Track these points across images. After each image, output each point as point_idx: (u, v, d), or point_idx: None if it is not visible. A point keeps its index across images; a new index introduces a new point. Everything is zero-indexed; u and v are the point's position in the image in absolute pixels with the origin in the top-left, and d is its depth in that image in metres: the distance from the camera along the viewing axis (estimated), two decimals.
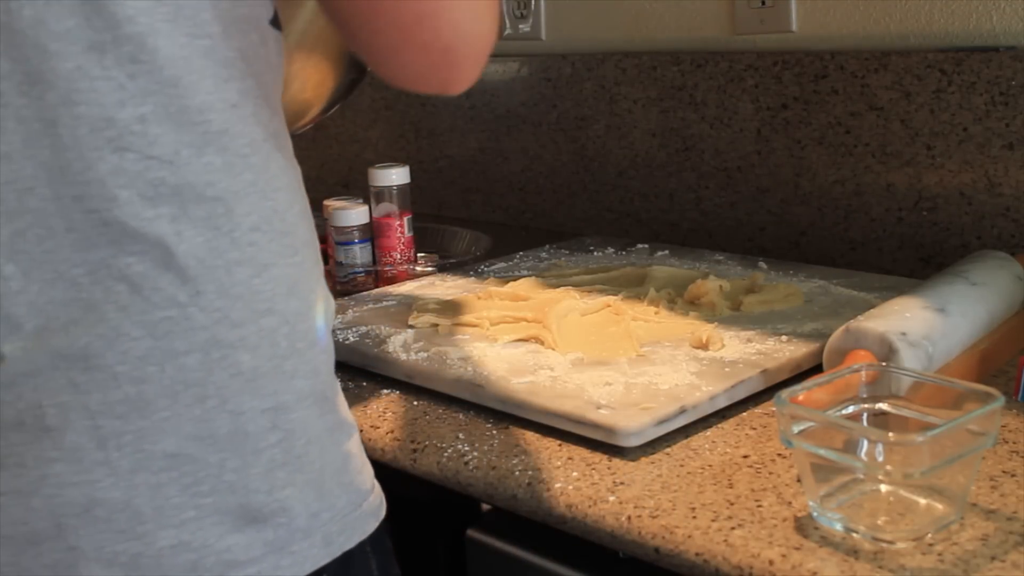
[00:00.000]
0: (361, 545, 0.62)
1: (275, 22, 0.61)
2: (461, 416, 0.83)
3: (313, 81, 0.92)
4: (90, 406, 0.53)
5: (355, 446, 0.64)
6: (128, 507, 0.54)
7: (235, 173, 0.56)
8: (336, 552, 0.60)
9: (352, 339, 0.96)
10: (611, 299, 1.00)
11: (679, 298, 1.02)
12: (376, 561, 0.64)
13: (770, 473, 0.70)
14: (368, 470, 0.66)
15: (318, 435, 0.60)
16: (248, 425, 0.56)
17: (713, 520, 0.64)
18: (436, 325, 0.98)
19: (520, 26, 1.51)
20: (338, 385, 0.64)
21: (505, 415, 0.82)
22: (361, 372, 0.93)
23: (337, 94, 0.97)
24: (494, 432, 0.80)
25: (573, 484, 0.70)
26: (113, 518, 0.54)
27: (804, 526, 0.63)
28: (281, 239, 0.59)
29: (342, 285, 1.21)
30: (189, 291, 0.55)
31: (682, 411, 0.77)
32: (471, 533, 0.77)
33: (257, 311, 0.57)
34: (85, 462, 0.53)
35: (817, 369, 0.85)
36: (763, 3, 1.24)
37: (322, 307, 0.63)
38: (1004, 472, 0.69)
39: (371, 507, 0.64)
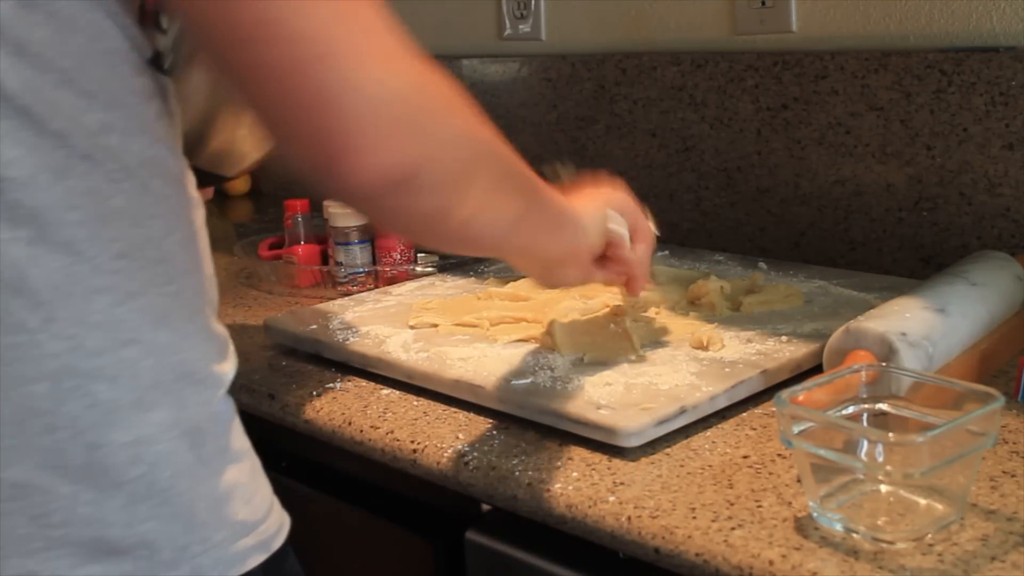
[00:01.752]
0: (251, 574, 0.60)
1: (155, 62, 0.58)
2: (461, 416, 0.83)
3: (251, 137, 0.88)
4: None
5: (244, 475, 0.62)
6: None
7: (101, 198, 0.54)
8: None
9: (352, 339, 0.96)
10: (611, 299, 1.00)
11: (679, 298, 1.02)
12: None
13: (770, 473, 0.70)
14: (262, 498, 0.63)
15: (188, 467, 0.58)
16: (107, 458, 0.55)
17: (713, 520, 0.64)
18: (436, 325, 0.98)
19: (520, 26, 1.51)
20: (226, 412, 0.62)
21: (505, 415, 0.82)
22: (361, 372, 0.93)
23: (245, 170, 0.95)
24: (494, 432, 0.80)
25: (573, 484, 0.70)
26: None
27: (804, 526, 0.63)
28: (153, 267, 0.57)
29: (342, 285, 1.21)
30: (41, 317, 0.53)
31: (682, 411, 0.77)
32: (471, 533, 0.77)
33: (118, 341, 0.55)
34: None
35: (817, 369, 0.85)
36: (763, 3, 1.24)
37: (203, 339, 0.61)
38: (1004, 472, 0.69)
39: (261, 539, 0.62)
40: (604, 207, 0.79)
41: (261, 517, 0.62)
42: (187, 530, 0.58)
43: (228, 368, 0.63)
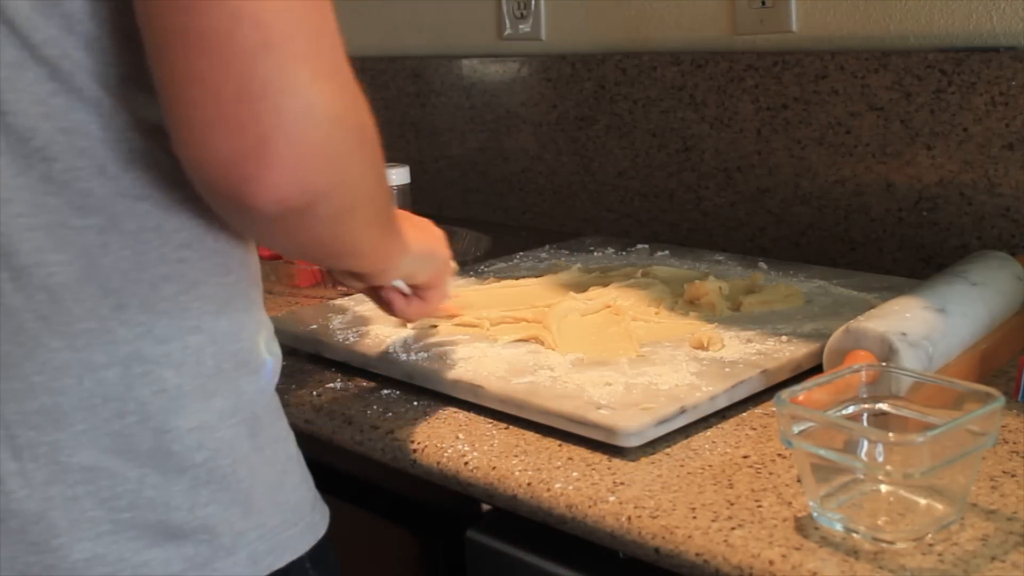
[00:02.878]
0: (300, 561, 0.61)
1: None
2: (461, 416, 0.83)
3: None
4: (5, 416, 0.53)
5: (293, 463, 0.63)
6: (42, 519, 0.53)
7: (166, 189, 0.55)
8: (264, 571, 0.59)
9: (352, 339, 0.96)
10: (611, 299, 1.00)
11: (679, 298, 1.02)
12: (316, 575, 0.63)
13: (770, 473, 0.70)
14: (308, 485, 0.65)
15: (246, 454, 0.59)
16: (173, 443, 0.56)
17: (713, 520, 0.64)
18: (435, 325, 0.98)
19: (520, 26, 1.51)
20: (275, 404, 0.63)
21: (505, 415, 0.82)
22: (361, 372, 0.93)
23: None
24: (494, 432, 0.80)
25: (573, 484, 0.70)
26: (27, 530, 0.53)
27: (804, 526, 0.63)
28: (213, 257, 0.57)
29: (342, 285, 1.21)
30: (111, 304, 0.54)
31: (682, 411, 0.77)
32: (471, 533, 0.77)
33: (183, 328, 0.56)
34: None
35: (817, 369, 0.85)
36: (763, 3, 1.24)
37: (259, 328, 0.62)
38: (1004, 472, 0.69)
39: (309, 524, 0.63)
40: (427, 253, 0.78)
41: (308, 503, 0.64)
42: (245, 516, 0.59)
43: (276, 356, 0.64)
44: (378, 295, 0.81)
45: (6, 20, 0.51)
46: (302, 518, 0.63)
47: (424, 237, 0.78)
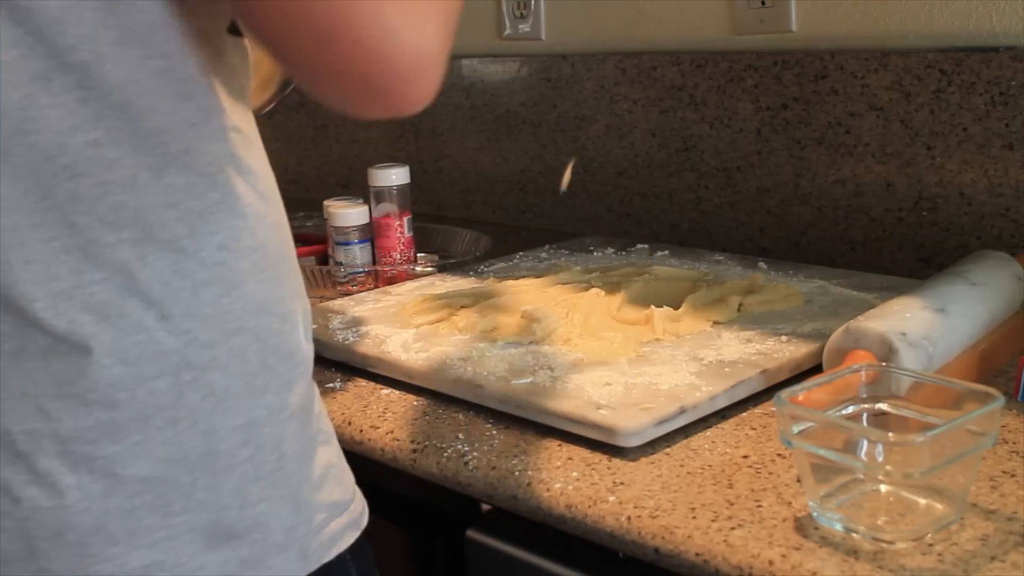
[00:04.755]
0: (341, 555, 0.62)
1: (234, 29, 0.58)
2: (461, 416, 0.83)
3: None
4: (60, 432, 0.53)
5: (335, 456, 0.64)
6: (100, 531, 0.54)
7: (199, 193, 0.55)
8: (314, 565, 0.60)
9: (352, 339, 0.96)
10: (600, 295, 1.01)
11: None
12: (356, 569, 0.63)
13: (770, 473, 0.70)
14: (349, 479, 0.65)
15: (293, 448, 0.59)
16: (220, 444, 0.56)
17: (713, 520, 0.64)
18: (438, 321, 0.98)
19: (520, 26, 1.51)
20: (316, 395, 0.63)
21: (505, 415, 0.82)
22: (361, 372, 0.93)
23: (275, 90, 0.93)
24: (494, 432, 0.80)
25: (573, 484, 0.70)
26: (85, 542, 0.53)
27: (804, 526, 0.63)
28: (250, 256, 0.57)
29: (342, 285, 1.21)
30: (155, 315, 0.54)
31: (682, 411, 0.77)
32: (471, 533, 0.77)
33: (227, 331, 0.56)
34: (58, 486, 0.53)
35: (817, 369, 0.85)
36: (763, 3, 1.24)
37: (300, 319, 0.62)
38: (1004, 472, 0.69)
39: (351, 518, 0.63)
40: None
41: (350, 497, 0.64)
42: (294, 511, 0.59)
43: (313, 348, 0.65)
44: None
45: (32, 29, 0.50)
46: (345, 510, 0.63)
47: None
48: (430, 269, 1.23)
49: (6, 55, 0.50)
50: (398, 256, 1.24)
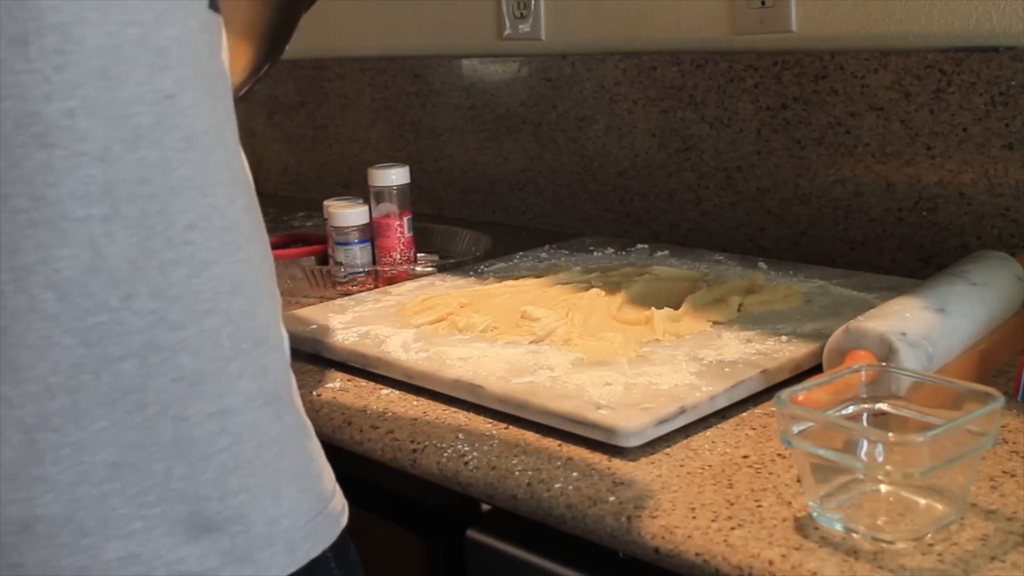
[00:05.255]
0: (324, 553, 0.60)
1: (214, 5, 0.57)
2: (461, 416, 0.83)
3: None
4: (25, 420, 0.51)
5: (315, 448, 0.62)
6: (70, 521, 0.52)
7: (170, 169, 0.53)
8: (302, 560, 0.58)
9: (352, 339, 0.96)
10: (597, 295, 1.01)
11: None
12: (339, 569, 0.62)
13: (770, 473, 0.70)
14: (329, 473, 0.63)
15: (272, 438, 0.58)
16: (194, 430, 0.54)
17: (713, 520, 0.64)
18: (440, 319, 0.98)
19: (520, 26, 1.51)
20: (293, 384, 0.61)
21: (505, 415, 0.82)
22: (361, 372, 0.93)
23: (247, 75, 0.92)
24: (494, 432, 0.80)
25: (573, 484, 0.70)
26: (55, 533, 0.52)
27: (804, 526, 0.63)
28: (222, 236, 0.56)
29: (342, 285, 1.21)
30: (121, 294, 0.52)
31: (682, 411, 0.77)
32: (471, 533, 0.77)
33: (197, 312, 0.54)
34: (22, 478, 0.51)
35: (817, 369, 0.85)
36: (763, 3, 1.24)
37: (273, 304, 0.60)
38: (1004, 472, 0.69)
39: (333, 512, 0.62)
40: None
41: (331, 490, 0.62)
42: (276, 503, 0.57)
43: (287, 336, 0.63)
44: None
45: None
46: (328, 503, 0.61)
47: None
48: (430, 269, 1.23)
49: None
50: (398, 256, 1.24)
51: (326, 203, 1.26)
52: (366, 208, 1.24)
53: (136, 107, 0.52)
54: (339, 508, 0.63)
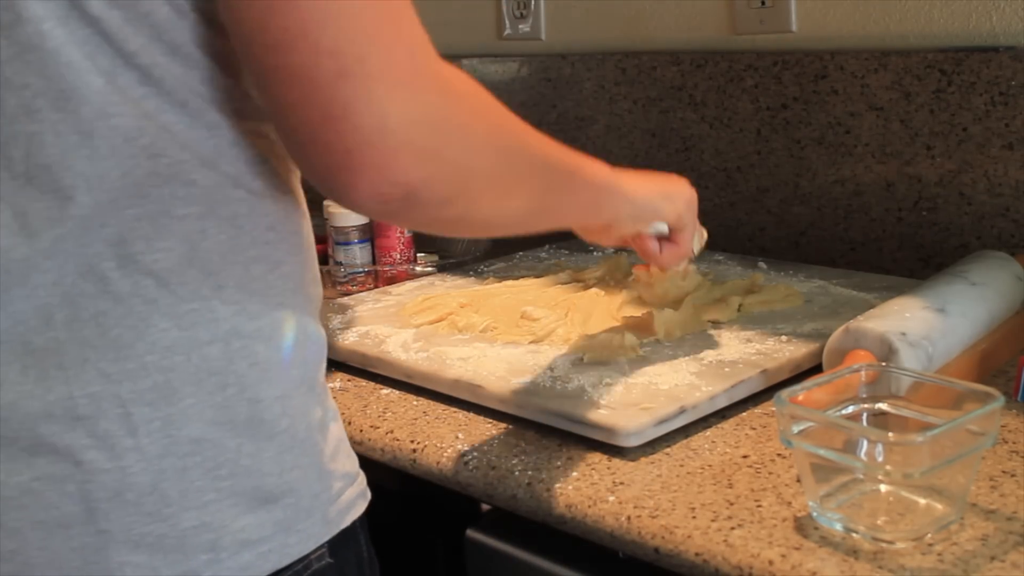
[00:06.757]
0: (353, 524, 0.66)
1: None
2: (461, 416, 0.83)
3: None
4: (122, 395, 0.56)
5: (343, 431, 0.68)
6: (156, 490, 0.57)
7: (256, 174, 0.59)
8: (334, 530, 0.64)
9: (352, 339, 0.96)
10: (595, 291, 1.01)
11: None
12: (363, 537, 0.68)
13: (770, 473, 0.70)
14: (354, 455, 0.69)
15: (315, 421, 0.64)
16: (264, 412, 0.60)
17: (713, 520, 0.64)
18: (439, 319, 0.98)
19: (520, 26, 1.51)
20: (324, 372, 0.67)
21: (505, 415, 0.82)
22: (361, 372, 0.93)
23: None
24: (494, 432, 0.80)
25: (573, 484, 0.70)
26: (142, 501, 0.57)
27: (804, 526, 0.63)
28: (291, 238, 0.62)
29: (342, 285, 1.21)
30: (212, 284, 0.58)
31: (682, 411, 0.77)
32: (471, 533, 0.77)
33: (271, 305, 0.61)
34: (117, 449, 0.56)
35: (817, 369, 0.85)
36: (763, 3, 1.24)
37: (317, 302, 0.67)
38: (1004, 472, 0.69)
39: (360, 489, 0.67)
40: (660, 195, 0.83)
41: (357, 470, 0.68)
42: (319, 478, 0.63)
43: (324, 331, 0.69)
44: (637, 244, 0.86)
45: (101, 31, 0.54)
46: (355, 481, 0.67)
47: (652, 181, 0.82)
48: (430, 269, 1.23)
49: (87, 47, 0.54)
50: (398, 256, 1.24)
51: (326, 203, 1.25)
52: None
53: (223, 130, 0.58)
54: (364, 484, 0.69)
